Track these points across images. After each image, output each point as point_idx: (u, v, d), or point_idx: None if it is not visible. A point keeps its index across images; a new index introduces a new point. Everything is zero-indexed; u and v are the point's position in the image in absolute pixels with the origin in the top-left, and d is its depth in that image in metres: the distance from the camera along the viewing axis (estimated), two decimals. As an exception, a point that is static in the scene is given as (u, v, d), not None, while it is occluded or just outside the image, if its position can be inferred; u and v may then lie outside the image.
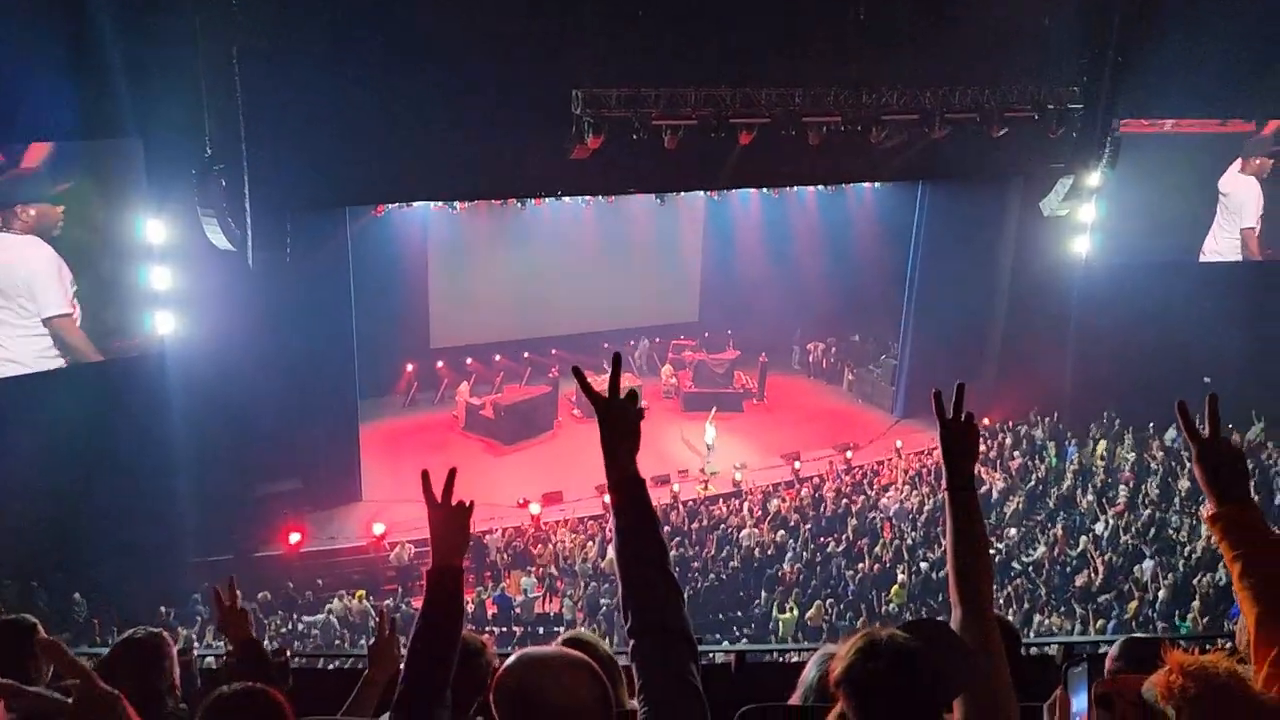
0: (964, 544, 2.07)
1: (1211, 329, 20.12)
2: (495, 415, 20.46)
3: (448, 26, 13.97)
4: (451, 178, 15.96)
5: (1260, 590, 1.69)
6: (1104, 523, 16.76)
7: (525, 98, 14.55)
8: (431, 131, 14.38)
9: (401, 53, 13.70)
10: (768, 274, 24.29)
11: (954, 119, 16.48)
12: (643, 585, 1.87)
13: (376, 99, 13.74)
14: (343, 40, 13.47)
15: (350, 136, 13.90)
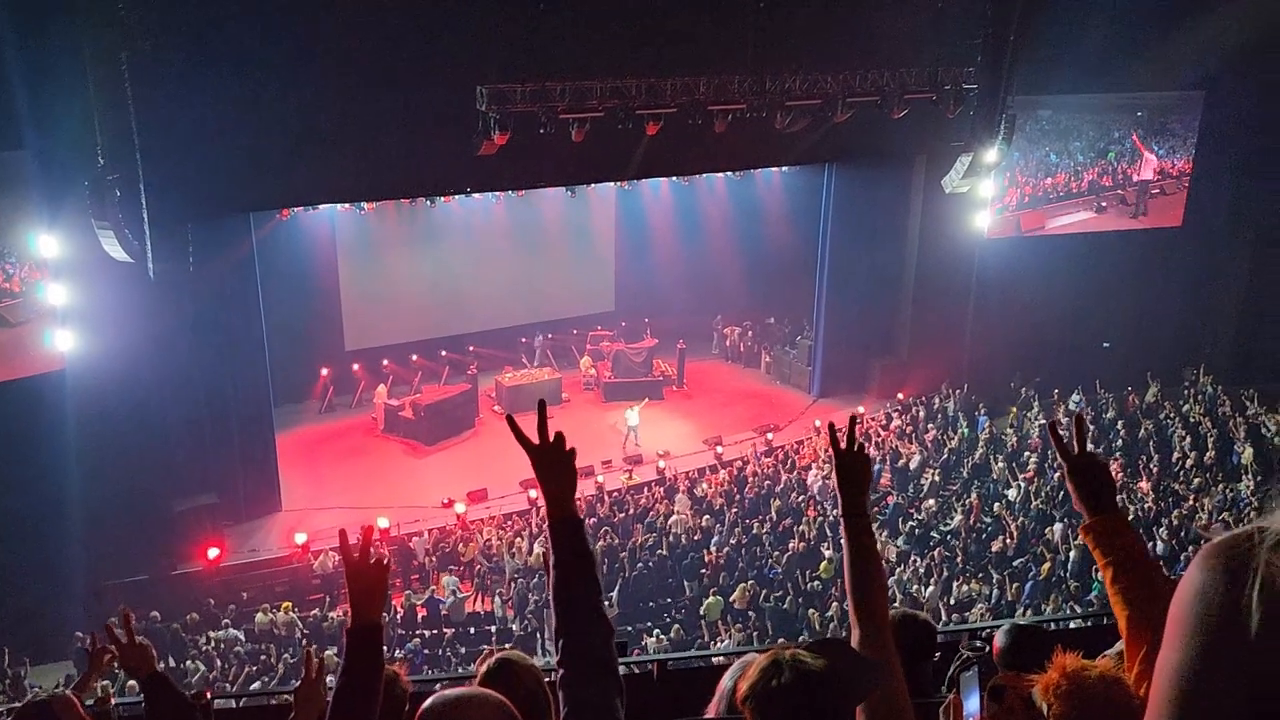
0: (860, 567, 2.16)
1: (1104, 296, 21.02)
2: (415, 416, 20.25)
3: (347, 27, 13.78)
4: (357, 178, 15.77)
5: (1129, 594, 1.83)
6: (1015, 489, 17.37)
7: (429, 96, 14.44)
8: (334, 132, 14.17)
9: (301, 54, 13.46)
10: (682, 261, 24.49)
11: (855, 102, 16.82)
12: (575, 620, 1.93)
13: (276, 102, 13.48)
14: (240, 44, 13.17)
15: (250, 141, 13.63)
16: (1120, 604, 1.85)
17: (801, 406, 22.32)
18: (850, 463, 2.28)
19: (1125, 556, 1.89)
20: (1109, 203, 21.93)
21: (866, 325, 21.67)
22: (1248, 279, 21.58)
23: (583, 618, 1.93)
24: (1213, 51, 18.70)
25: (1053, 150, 21.51)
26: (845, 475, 2.27)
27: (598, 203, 24.29)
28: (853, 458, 2.29)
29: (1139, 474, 17.67)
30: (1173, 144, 21.74)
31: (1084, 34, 18.22)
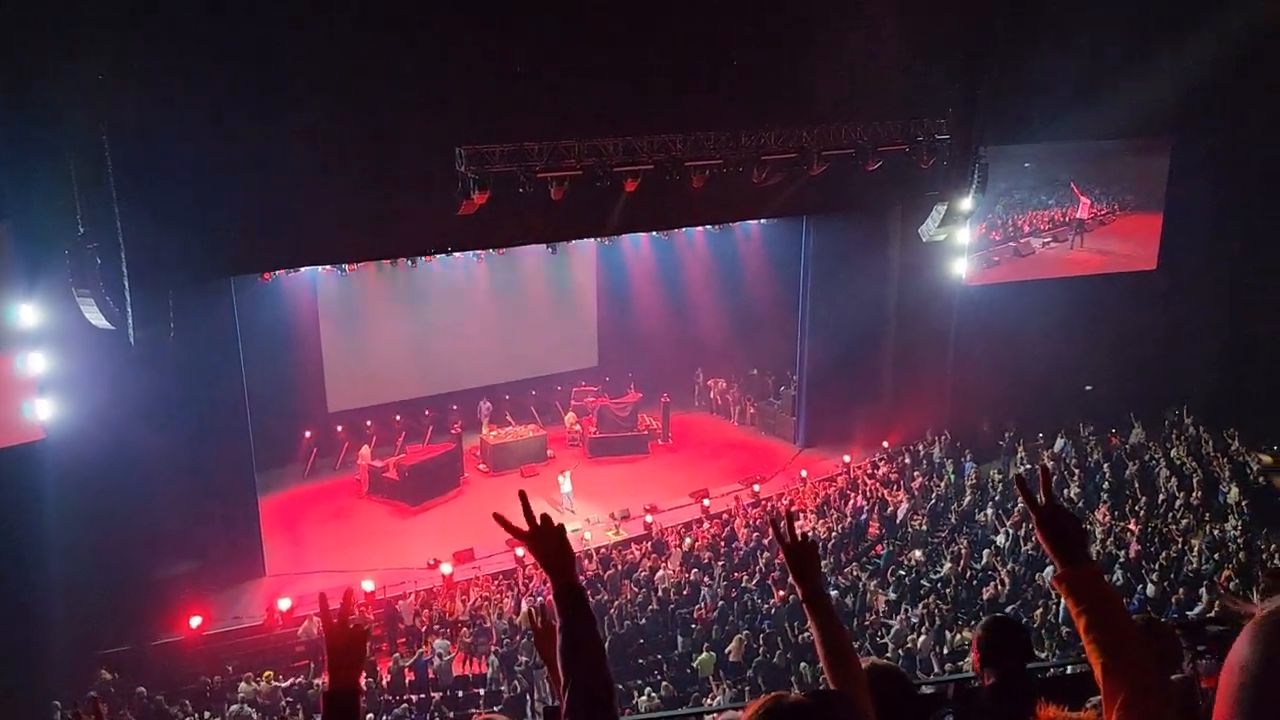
0: (829, 641, 2.33)
1: (1084, 339, 21.20)
2: (400, 477, 20.10)
3: (327, 90, 13.92)
4: (338, 240, 15.85)
5: (1103, 643, 1.83)
6: (1004, 534, 17.32)
7: (408, 157, 14.56)
8: (315, 195, 14.23)
9: (279, 118, 13.56)
10: (664, 315, 24.63)
11: (830, 155, 17.10)
12: (579, 683, 1.99)
13: (256, 166, 13.53)
14: (218, 109, 13.26)
15: (230, 206, 13.68)
16: (1095, 654, 1.84)
17: (787, 457, 22.30)
18: (799, 552, 2.45)
19: (1098, 607, 1.89)
20: (1061, 239, 22.31)
21: (849, 374, 21.74)
22: (1225, 319, 21.81)
23: (588, 677, 1.99)
24: (1179, 98, 19.10)
25: (1018, 195, 21.82)
26: (796, 565, 2.44)
27: (579, 259, 24.44)
28: (799, 548, 2.45)
29: (1126, 516, 17.68)
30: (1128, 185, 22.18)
31: (1053, 84, 18.61)
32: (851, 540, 17.92)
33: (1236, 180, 20.84)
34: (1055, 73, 18.51)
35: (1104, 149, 21.52)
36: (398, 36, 13.97)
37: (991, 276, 21.79)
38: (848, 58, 16.48)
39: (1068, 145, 21.22)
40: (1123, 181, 22.19)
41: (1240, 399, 20.61)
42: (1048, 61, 18.36)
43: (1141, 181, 22.18)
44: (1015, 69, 18.42)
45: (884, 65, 17.29)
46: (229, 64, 13.21)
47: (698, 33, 15.80)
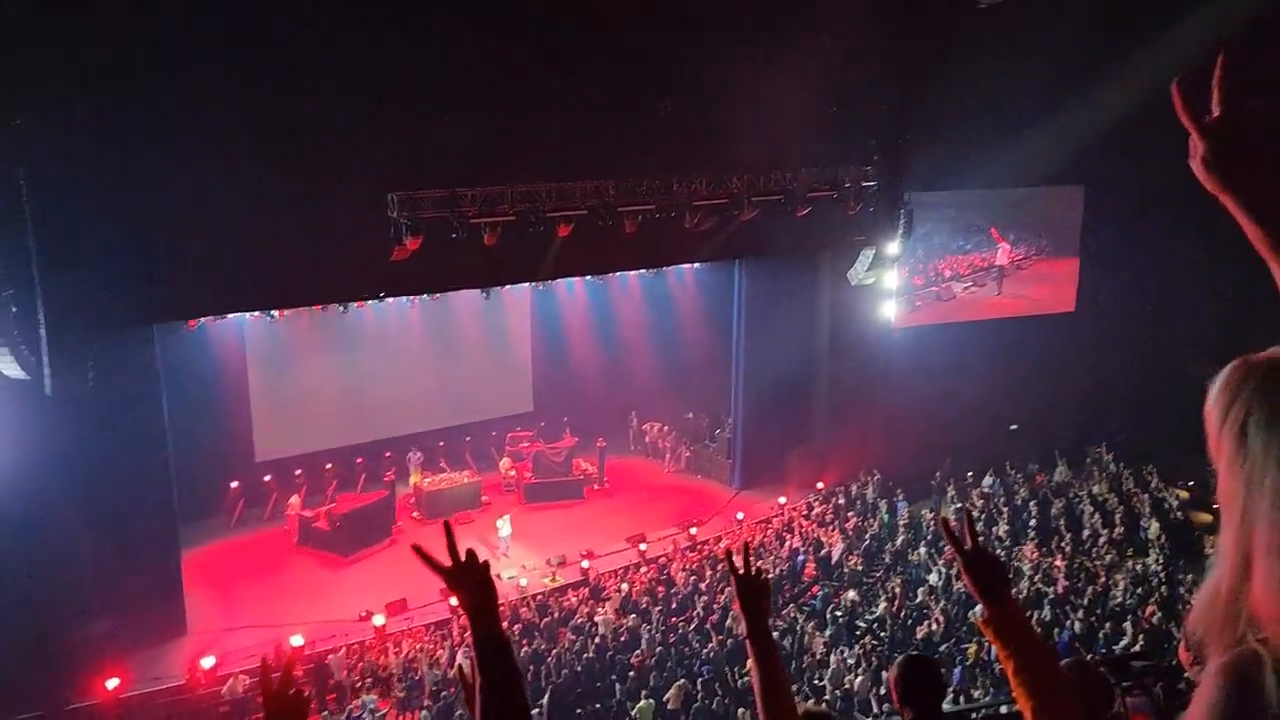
0: (767, 680, 2.31)
1: (1009, 380, 21.76)
2: (330, 526, 19.65)
3: (255, 134, 13.73)
4: (267, 286, 15.57)
5: (1032, 685, 1.86)
6: (937, 573, 17.53)
7: (339, 202, 14.41)
8: (243, 241, 13.98)
9: (205, 162, 13.32)
10: (599, 358, 24.66)
11: (760, 201, 17.40)
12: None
13: (181, 212, 13.27)
14: (142, 154, 13.01)
15: (154, 252, 13.36)
16: (1024, 696, 1.87)
17: (724, 499, 22.35)
18: (750, 586, 2.42)
19: (1025, 649, 1.92)
20: (986, 283, 22.95)
21: (784, 416, 21.95)
22: (1140, 359, 22.55)
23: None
24: (1091, 146, 19.89)
25: (938, 239, 22.40)
26: (747, 599, 2.41)
27: (513, 304, 24.39)
28: (753, 582, 2.43)
29: (1053, 552, 18.03)
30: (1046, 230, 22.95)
31: (971, 134, 19.27)
32: (788, 582, 17.97)
33: (1147, 225, 21.71)
34: (972, 122, 19.17)
35: (1021, 195, 22.28)
36: (328, 81, 13.90)
37: (919, 319, 22.29)
38: (776, 106, 16.83)
39: (985, 192, 21.91)
40: (1040, 226, 22.96)
41: (1157, 437, 21.29)
42: (964, 111, 19.02)
43: (1058, 226, 22.98)
44: (934, 118, 19.06)
45: (812, 114, 17.72)
46: (153, 109, 12.99)
47: (630, 80, 16.03)
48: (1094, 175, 21.71)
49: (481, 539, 19.50)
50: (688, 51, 16.01)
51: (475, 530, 19.89)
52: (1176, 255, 22.11)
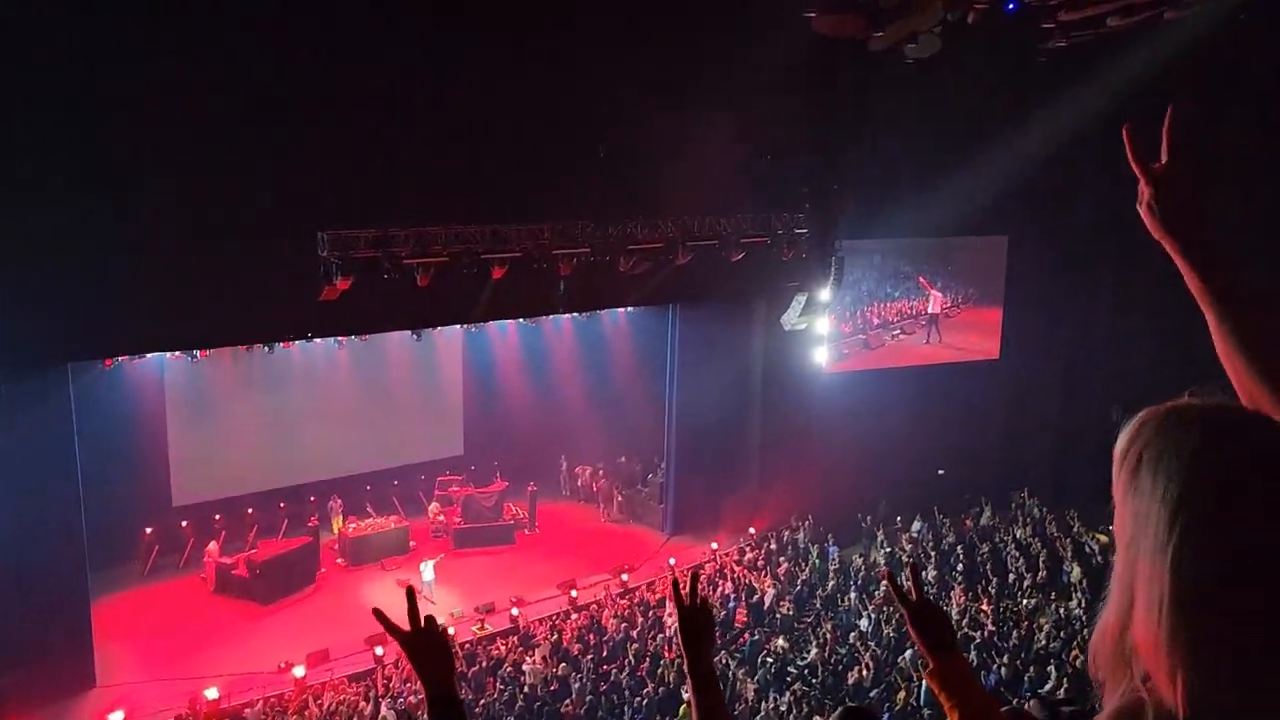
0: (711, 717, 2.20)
1: (937, 425, 22.16)
2: (250, 573, 19.03)
3: (180, 166, 13.44)
4: (189, 325, 15.15)
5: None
6: (867, 618, 17.61)
7: (267, 240, 14.11)
8: (164, 277, 13.61)
9: (127, 193, 13.00)
10: (531, 402, 24.48)
11: (695, 246, 17.56)
12: None
13: (98, 246, 12.89)
14: (58, 183, 12.62)
15: (69, 289, 12.92)
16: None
17: (656, 545, 22.22)
18: (694, 618, 2.29)
19: (970, 700, 1.93)
20: (915, 331, 23.43)
21: (716, 460, 21.98)
22: (1062, 406, 23.13)
23: None
24: (1013, 198, 20.54)
25: (865, 286, 22.82)
26: (689, 632, 2.28)
27: (444, 345, 24.14)
28: (696, 613, 2.30)
29: (979, 597, 18.25)
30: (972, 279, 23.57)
31: (898, 183, 19.76)
32: (720, 628, 17.87)
33: (1068, 274, 22.43)
34: (899, 172, 19.68)
35: (947, 244, 22.86)
36: (259, 114, 13.69)
37: (850, 365, 22.60)
38: (710, 153, 17.06)
39: (912, 241, 22.45)
40: (966, 275, 23.55)
41: (1079, 481, 21.79)
42: (892, 161, 19.53)
43: (983, 275, 23.58)
44: (863, 167, 19.54)
45: (746, 161, 18.00)
46: (74, 138, 12.63)
47: (566, 124, 16.12)
48: (1017, 225, 22.38)
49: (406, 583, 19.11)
50: (623, 97, 16.16)
51: (402, 578, 19.45)
52: (1096, 304, 22.91)
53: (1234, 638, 1.04)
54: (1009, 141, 19.22)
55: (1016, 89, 19.54)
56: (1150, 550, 1.09)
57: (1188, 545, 1.05)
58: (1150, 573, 1.09)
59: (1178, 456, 1.08)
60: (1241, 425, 1.10)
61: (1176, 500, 1.07)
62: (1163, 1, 15.58)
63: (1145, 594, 1.09)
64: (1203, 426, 1.09)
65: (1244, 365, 1.36)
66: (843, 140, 19.49)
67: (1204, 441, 1.08)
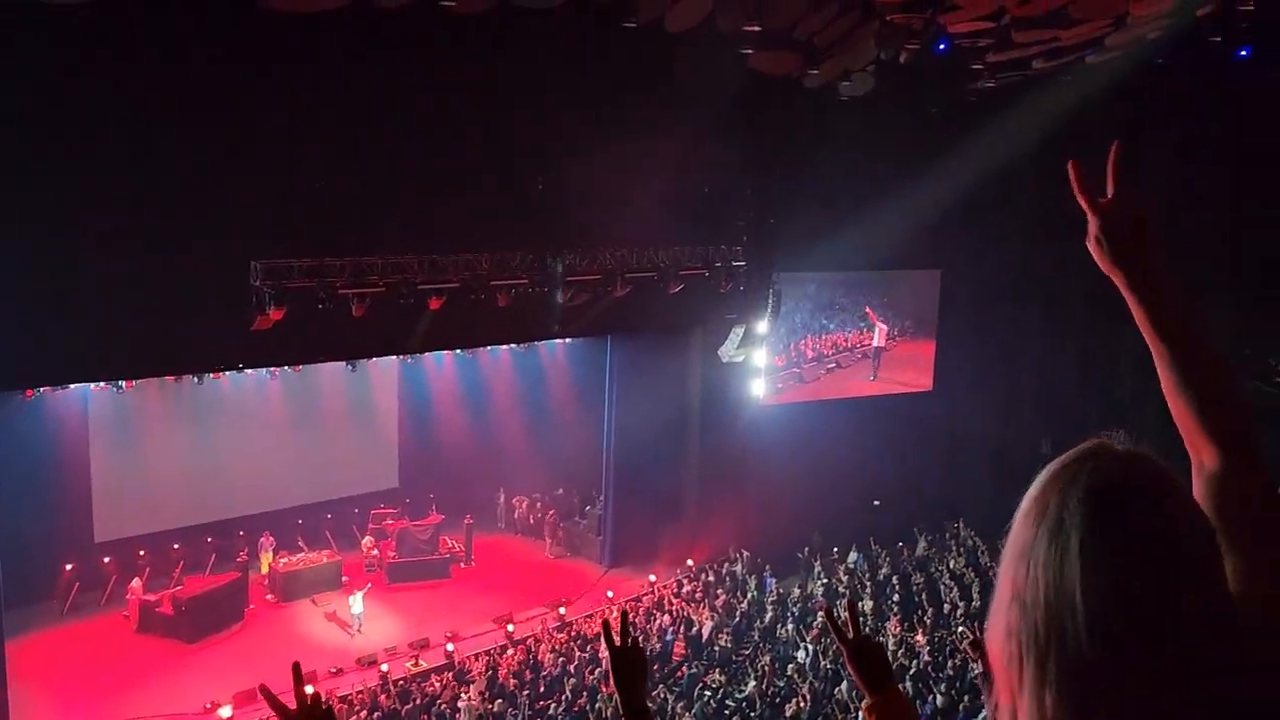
0: None
1: (872, 456, 22.43)
2: (175, 611, 18.44)
3: (107, 194, 13.12)
4: (115, 355, 14.70)
5: None
6: (804, 650, 17.65)
7: (198, 269, 13.82)
8: (87, 305, 13.25)
9: (52, 217, 12.64)
10: (468, 434, 24.23)
11: (633, 278, 17.64)
12: None
13: (16, 272, 12.48)
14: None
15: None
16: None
17: (593, 578, 22.06)
18: (625, 658, 2.28)
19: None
20: (851, 364, 23.78)
21: (655, 492, 21.95)
22: (993, 438, 23.56)
23: None
24: (946, 234, 21.05)
25: (799, 318, 23.09)
26: (620, 671, 2.27)
27: (379, 376, 23.82)
28: (627, 654, 2.29)
29: (915, 627, 18.42)
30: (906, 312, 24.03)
31: (834, 218, 20.13)
32: (658, 661, 17.76)
33: (997, 308, 23.01)
34: (835, 205, 20.04)
35: (882, 278, 23.28)
36: (191, 139, 13.44)
37: (786, 397, 22.79)
38: (649, 185, 17.19)
39: (848, 274, 22.82)
40: (900, 308, 23.98)
41: (1009, 511, 22.09)
42: (827, 195, 19.89)
43: (918, 308, 24.04)
44: (800, 201, 19.88)
45: (685, 193, 18.16)
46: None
47: (505, 155, 16.12)
48: (950, 259, 22.88)
49: (337, 621, 18.75)
50: (562, 129, 16.24)
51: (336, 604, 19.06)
52: (1024, 335, 23.51)
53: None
54: (941, 177, 19.70)
55: (948, 126, 20.09)
56: (1002, 586, 1.17)
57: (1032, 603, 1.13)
58: (999, 599, 1.19)
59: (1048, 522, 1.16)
60: (1122, 499, 1.12)
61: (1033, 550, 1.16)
62: (1086, 45, 16.15)
63: (995, 615, 1.18)
64: (1081, 498, 1.13)
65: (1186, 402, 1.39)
66: (779, 174, 19.83)
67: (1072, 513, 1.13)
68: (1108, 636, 1.06)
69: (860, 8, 13.95)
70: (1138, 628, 1.06)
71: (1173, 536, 1.10)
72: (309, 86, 14.21)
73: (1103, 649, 1.06)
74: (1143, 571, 1.08)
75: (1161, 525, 1.10)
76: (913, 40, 15.65)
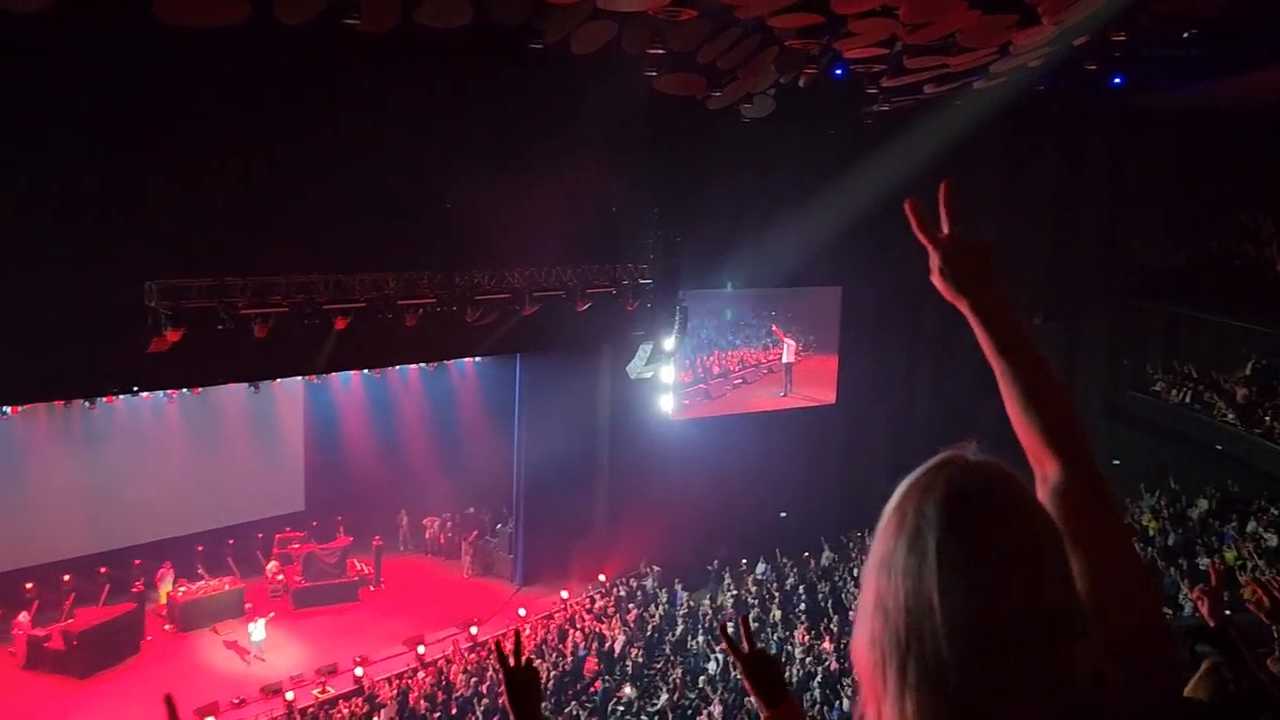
0: None
1: (778, 469, 22.88)
2: (66, 645, 17.68)
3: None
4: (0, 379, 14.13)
5: None
6: (715, 661, 17.87)
7: (89, 289, 13.38)
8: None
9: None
10: (376, 454, 23.85)
11: (541, 296, 17.71)
12: None
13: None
14: None
15: None
16: None
17: (505, 596, 21.94)
18: (521, 679, 2.32)
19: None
20: (757, 379, 24.23)
21: (566, 509, 21.95)
22: (890, 450, 24.23)
23: None
24: (846, 254, 21.67)
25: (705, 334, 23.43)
26: (515, 691, 2.30)
27: (284, 398, 23.29)
28: (520, 673, 2.33)
29: (822, 635, 18.82)
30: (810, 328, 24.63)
31: (738, 237, 20.57)
32: (570, 678, 17.77)
33: (893, 322, 23.77)
34: (739, 224, 20.49)
35: (787, 294, 23.81)
36: (84, 157, 13.04)
37: (695, 412, 23.10)
38: (557, 203, 17.31)
39: (754, 291, 23.28)
40: (803, 324, 24.54)
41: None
42: (731, 213, 20.33)
43: (820, 323, 24.63)
44: (704, 219, 20.27)
45: (591, 211, 18.33)
46: None
47: (411, 173, 16.02)
48: (849, 276, 23.53)
49: (238, 651, 18.45)
50: (470, 148, 16.25)
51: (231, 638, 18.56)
52: (920, 349, 24.34)
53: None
54: (840, 196, 20.30)
55: (845, 147, 20.75)
56: (865, 609, 1.20)
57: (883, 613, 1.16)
58: (861, 603, 1.22)
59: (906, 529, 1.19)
60: (976, 504, 1.18)
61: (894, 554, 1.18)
62: (973, 72, 16.90)
63: (858, 624, 1.22)
64: (938, 507, 1.18)
65: (1029, 418, 1.47)
66: (684, 193, 20.17)
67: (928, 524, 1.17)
68: (966, 639, 1.09)
69: (760, 33, 14.34)
70: (996, 629, 1.09)
71: (1028, 539, 1.14)
72: (209, 102, 13.94)
73: (962, 651, 1.09)
74: (1000, 574, 1.11)
75: (1016, 529, 1.15)
76: (811, 65, 16.17)
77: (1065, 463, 1.43)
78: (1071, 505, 1.37)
